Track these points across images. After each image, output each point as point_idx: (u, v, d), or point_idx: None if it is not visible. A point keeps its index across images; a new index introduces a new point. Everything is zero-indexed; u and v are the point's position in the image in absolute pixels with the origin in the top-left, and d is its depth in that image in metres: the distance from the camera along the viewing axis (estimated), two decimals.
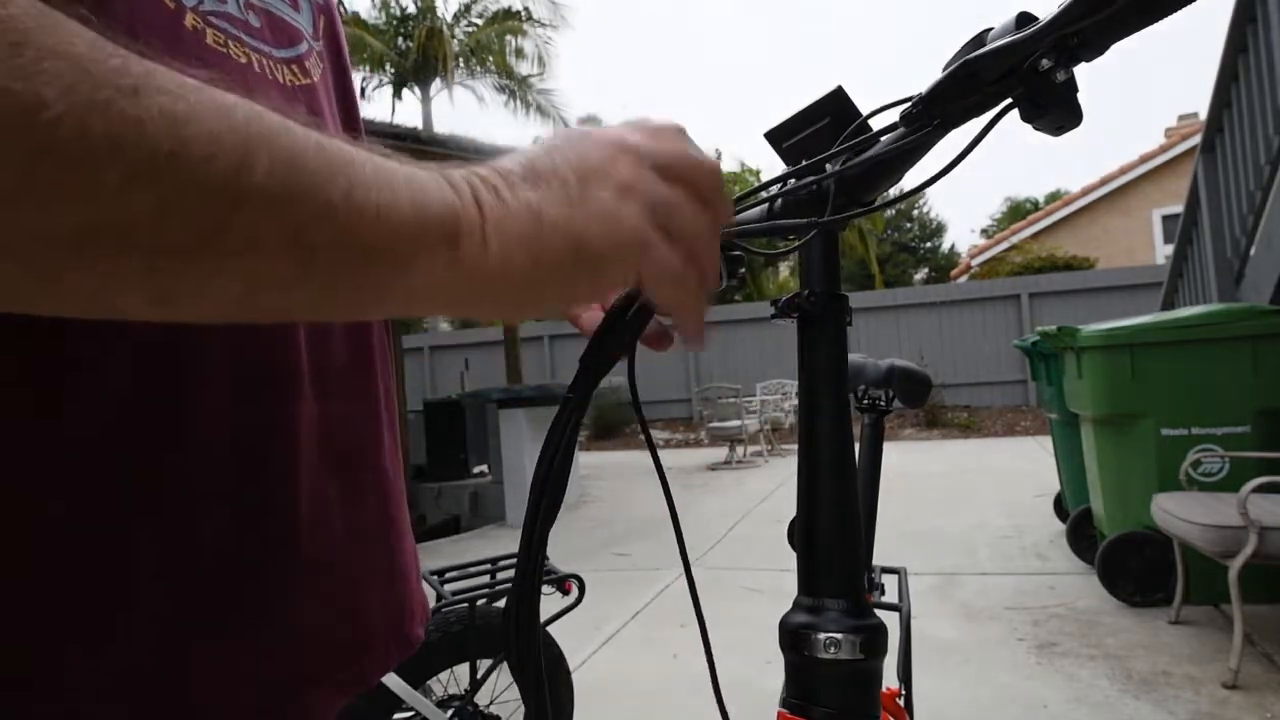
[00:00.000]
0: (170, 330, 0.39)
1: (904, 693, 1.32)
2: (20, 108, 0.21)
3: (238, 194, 0.25)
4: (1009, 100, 0.37)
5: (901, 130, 0.42)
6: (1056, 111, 0.36)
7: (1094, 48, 0.35)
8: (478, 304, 0.33)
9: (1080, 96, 0.37)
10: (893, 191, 0.48)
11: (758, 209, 0.52)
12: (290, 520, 0.46)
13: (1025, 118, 0.37)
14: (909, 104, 0.40)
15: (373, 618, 0.53)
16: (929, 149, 0.42)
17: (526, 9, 11.89)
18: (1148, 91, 66.76)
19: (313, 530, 0.47)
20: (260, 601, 0.44)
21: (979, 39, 0.39)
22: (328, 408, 0.49)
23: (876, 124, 0.47)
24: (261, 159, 0.26)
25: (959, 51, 0.39)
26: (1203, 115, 4.69)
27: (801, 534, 0.50)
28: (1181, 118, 16.19)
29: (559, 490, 0.41)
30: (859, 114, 0.47)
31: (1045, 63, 0.35)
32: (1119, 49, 0.37)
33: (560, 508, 0.41)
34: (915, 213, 29.79)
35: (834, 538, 0.49)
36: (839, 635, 0.47)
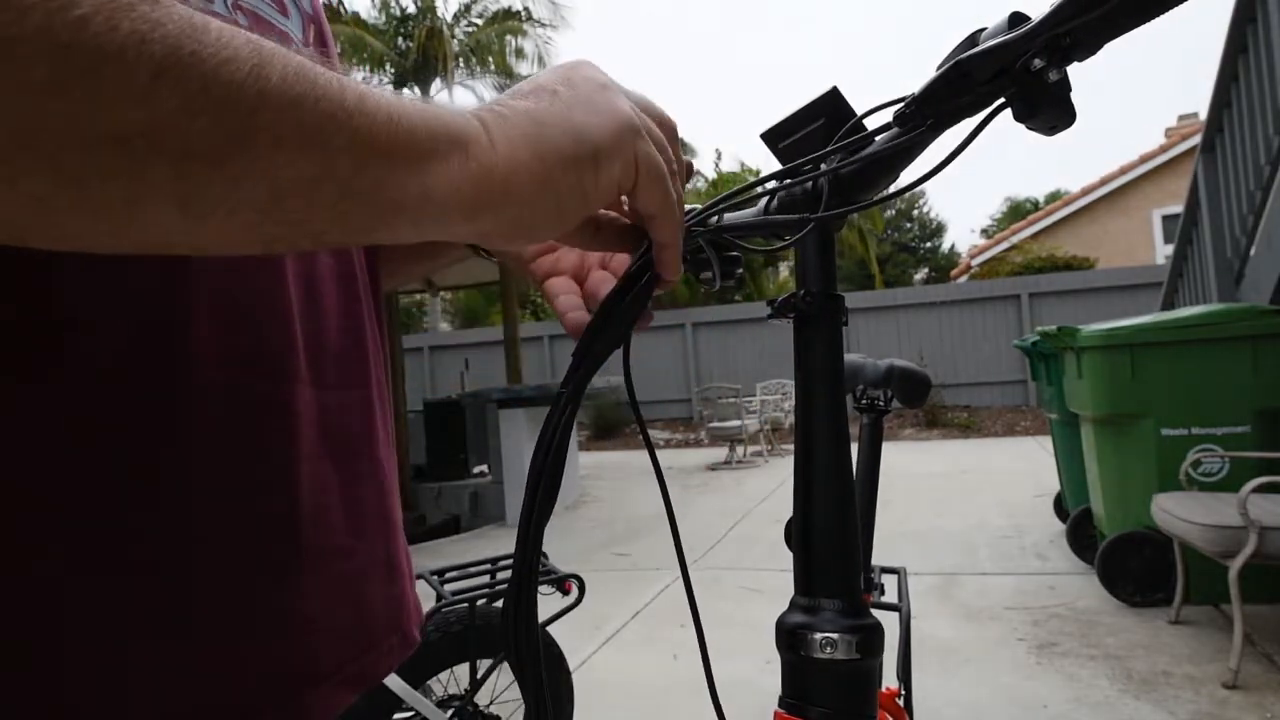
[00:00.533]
0: (162, 306, 0.39)
1: (903, 693, 1.32)
2: (52, 5, 0.22)
3: (257, 95, 0.26)
4: (1001, 100, 0.37)
5: (895, 130, 0.42)
6: (1049, 111, 0.36)
7: (1086, 47, 0.35)
8: (495, 209, 0.34)
9: (1074, 96, 0.37)
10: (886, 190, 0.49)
11: (753, 208, 0.52)
12: (292, 506, 0.45)
13: (1018, 117, 0.37)
14: (902, 104, 0.41)
15: (375, 612, 0.52)
16: (923, 149, 0.42)
17: (526, 9, 11.89)
18: (1148, 91, 66.79)
19: (314, 518, 0.47)
20: (263, 592, 0.44)
21: (972, 39, 0.39)
22: (324, 395, 0.49)
23: (872, 124, 0.47)
24: (275, 66, 0.27)
25: (952, 51, 0.39)
26: (1203, 115, 4.69)
27: (798, 534, 0.50)
28: (1181, 118, 16.19)
29: (554, 485, 0.40)
30: (854, 114, 0.47)
31: (1038, 62, 0.35)
32: (1118, 49, 0.37)
33: (555, 502, 0.41)
34: (915, 213, 29.81)
35: (830, 538, 0.49)
36: (835, 635, 0.47)
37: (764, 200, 0.52)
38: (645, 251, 0.43)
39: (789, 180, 0.49)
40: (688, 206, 0.52)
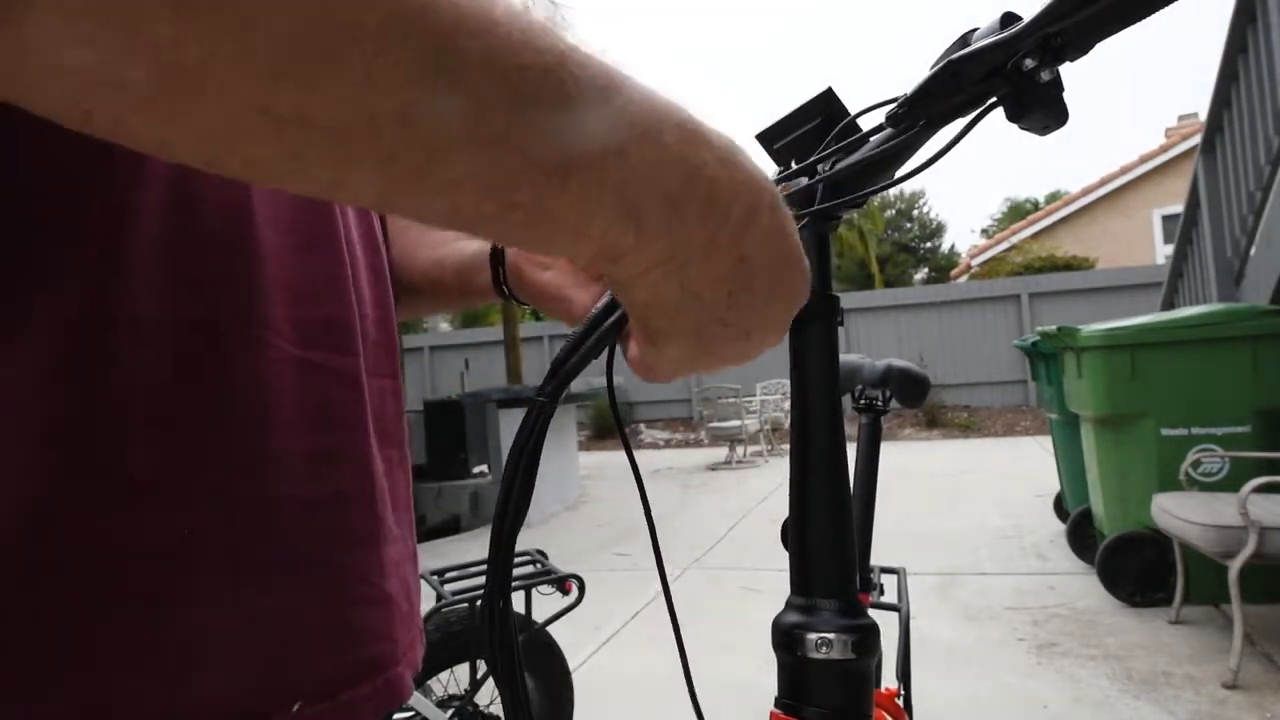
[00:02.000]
0: (237, 295, 0.39)
1: (903, 692, 1.32)
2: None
3: (459, 129, 0.24)
4: (993, 100, 0.37)
5: (889, 131, 0.42)
6: (1041, 111, 0.36)
7: (1078, 47, 0.35)
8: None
9: (1071, 96, 0.37)
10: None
11: None
12: (366, 481, 0.45)
13: (1010, 117, 0.37)
14: (895, 104, 0.41)
15: (414, 601, 0.52)
16: (916, 149, 0.42)
17: (526, 9, 11.95)
18: (1148, 91, 66.79)
19: (382, 496, 0.47)
20: (352, 564, 0.44)
21: (964, 39, 0.39)
22: (369, 380, 0.49)
23: (867, 123, 0.47)
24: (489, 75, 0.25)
25: (944, 52, 0.39)
26: (1203, 115, 4.69)
27: (794, 534, 0.50)
28: (1181, 118, 16.19)
29: (525, 494, 0.41)
30: (848, 114, 0.47)
31: (1029, 62, 0.35)
32: (1118, 48, 0.37)
33: (526, 514, 0.41)
34: (915, 213, 29.82)
35: (826, 538, 0.49)
36: (831, 635, 0.47)
37: None
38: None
39: (783, 184, 0.49)
40: None
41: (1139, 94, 66.11)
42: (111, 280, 0.35)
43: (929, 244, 30.35)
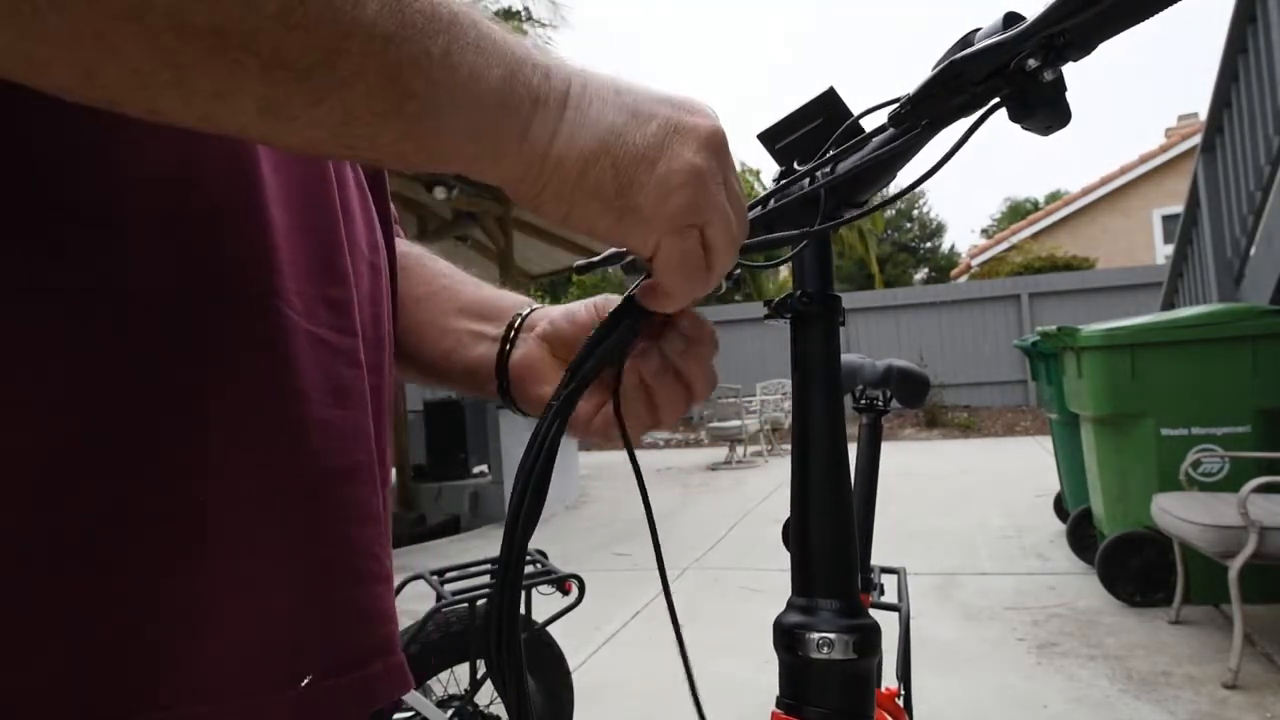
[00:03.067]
0: (259, 277, 0.39)
1: (903, 692, 1.32)
2: None
3: (351, 23, 0.27)
4: (996, 100, 0.37)
5: (891, 132, 0.42)
6: (1044, 111, 0.36)
7: (1081, 47, 0.35)
8: (535, 191, 0.36)
9: (1072, 96, 0.37)
10: (882, 192, 0.49)
11: (751, 214, 0.52)
12: (369, 456, 0.45)
13: (1013, 118, 0.37)
14: (898, 105, 0.41)
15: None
16: (918, 150, 0.42)
17: (526, 9, 11.91)
18: (1148, 91, 66.78)
19: (382, 476, 0.47)
20: (361, 543, 0.43)
21: (967, 39, 0.39)
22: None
23: (869, 124, 0.47)
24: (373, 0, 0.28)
25: (947, 52, 0.39)
26: (1203, 115, 4.69)
27: (795, 534, 0.50)
28: (1181, 118, 16.18)
29: (540, 497, 0.40)
30: (850, 114, 0.47)
31: (1032, 62, 0.35)
32: (1118, 48, 0.37)
33: (540, 516, 0.40)
34: (915, 213, 29.81)
35: (828, 538, 0.49)
36: (832, 635, 0.47)
37: (760, 205, 0.52)
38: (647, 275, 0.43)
39: (786, 187, 0.49)
40: None
41: (1139, 94, 66.13)
42: (116, 254, 0.35)
43: (929, 244, 30.33)
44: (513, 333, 0.56)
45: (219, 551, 0.37)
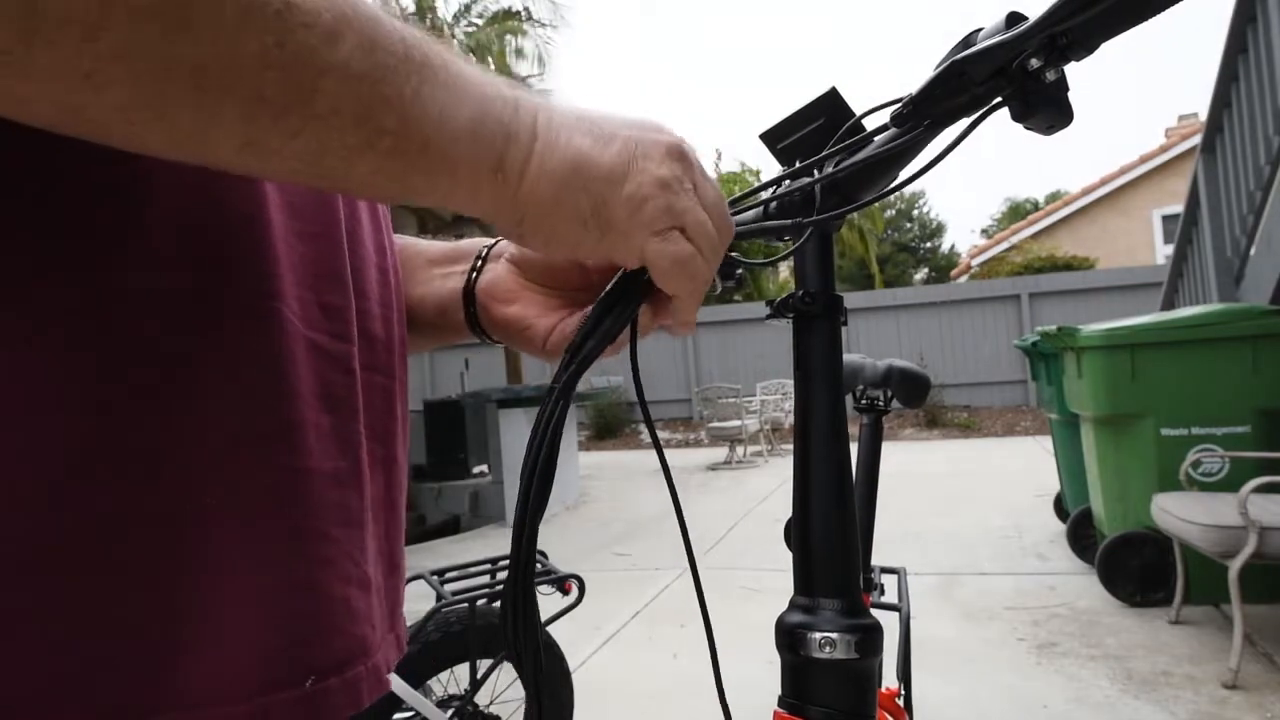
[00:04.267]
0: (256, 274, 0.39)
1: (903, 692, 1.32)
2: None
3: (325, 63, 0.28)
4: (998, 100, 0.37)
5: (893, 131, 0.42)
6: (1047, 111, 0.36)
7: (1083, 47, 0.35)
8: (511, 224, 0.38)
9: (1072, 95, 0.37)
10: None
11: (752, 212, 0.52)
12: (355, 466, 0.45)
13: (1015, 117, 0.37)
14: (900, 105, 0.41)
15: (383, 601, 0.52)
16: (920, 149, 0.42)
17: (526, 9, 11.89)
18: (1148, 91, 66.78)
19: (369, 483, 0.47)
20: (336, 555, 0.43)
21: (969, 39, 0.39)
22: (365, 374, 0.48)
23: (871, 124, 0.47)
24: (349, 37, 0.29)
25: (949, 51, 0.39)
26: (1203, 115, 4.69)
27: (797, 534, 0.50)
28: (1181, 118, 16.19)
29: (547, 481, 0.40)
30: (852, 114, 0.47)
31: (1034, 62, 0.35)
32: (1118, 48, 0.37)
33: (550, 496, 0.41)
34: (915, 213, 29.82)
35: (829, 538, 0.49)
36: (834, 635, 0.47)
37: (761, 205, 0.52)
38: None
39: (787, 183, 0.49)
40: None
41: (1139, 94, 66.13)
42: (118, 259, 0.35)
43: (929, 244, 30.35)
44: (479, 261, 0.57)
45: (215, 552, 0.37)
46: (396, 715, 1.60)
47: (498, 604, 1.78)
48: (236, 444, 0.38)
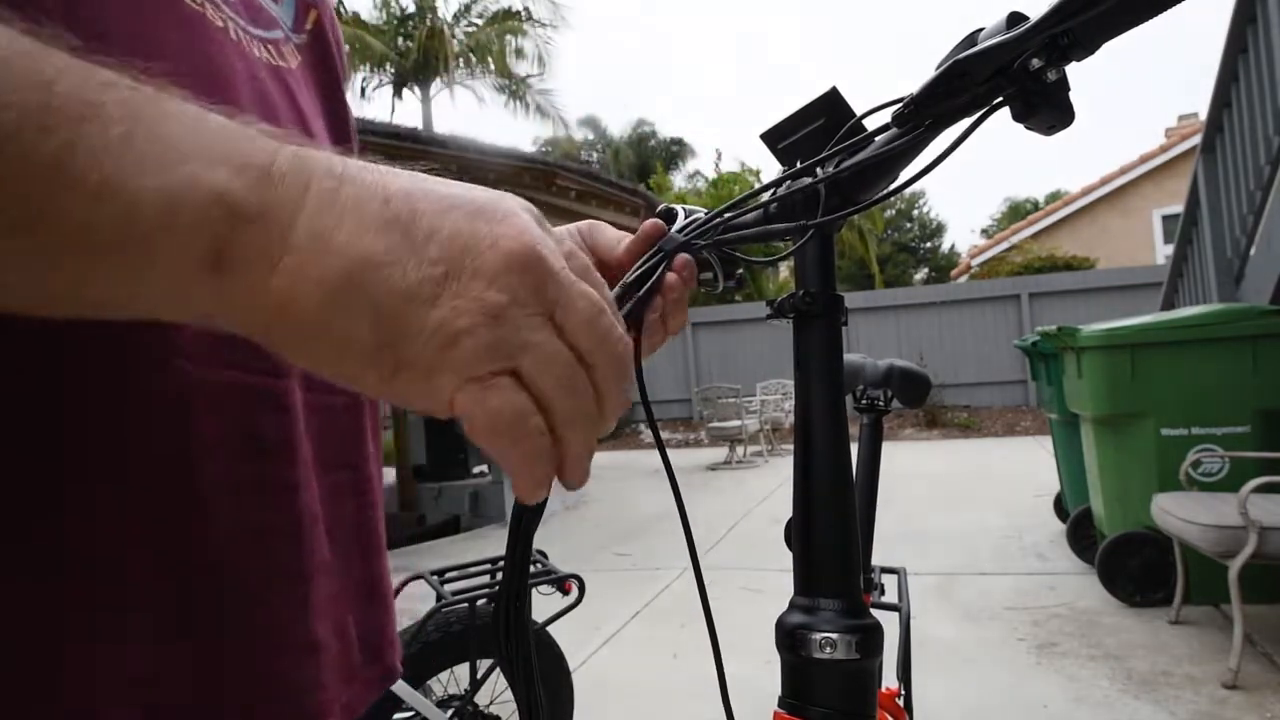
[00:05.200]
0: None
1: (903, 692, 1.32)
2: None
3: None
4: (999, 100, 0.37)
5: (894, 131, 0.42)
6: (1048, 111, 0.36)
7: (1085, 47, 0.35)
8: (246, 327, 0.28)
9: (1073, 96, 0.37)
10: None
11: (753, 214, 0.52)
12: (295, 511, 0.42)
13: (1016, 117, 0.37)
14: (901, 105, 0.41)
15: (351, 640, 0.49)
16: (921, 149, 0.42)
17: (526, 9, 11.92)
18: (1148, 91, 66.79)
19: (312, 526, 0.44)
20: (272, 603, 0.41)
21: (970, 39, 0.39)
22: (312, 396, 0.45)
23: (872, 124, 0.47)
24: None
25: (950, 51, 0.39)
26: (1203, 115, 4.68)
27: (798, 534, 0.50)
28: (1181, 118, 16.18)
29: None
30: (853, 114, 0.47)
31: (1036, 62, 0.35)
32: (1118, 48, 0.37)
33: (547, 504, 0.41)
34: (915, 213, 29.82)
35: (830, 538, 0.49)
36: (834, 635, 0.47)
37: (763, 206, 0.52)
38: (651, 256, 0.43)
39: (787, 184, 0.49)
40: (689, 207, 0.52)
41: (1139, 94, 66.13)
42: None
43: (929, 244, 30.36)
44: None
45: (115, 631, 0.34)
46: (396, 715, 1.60)
47: None
48: (125, 518, 0.34)
